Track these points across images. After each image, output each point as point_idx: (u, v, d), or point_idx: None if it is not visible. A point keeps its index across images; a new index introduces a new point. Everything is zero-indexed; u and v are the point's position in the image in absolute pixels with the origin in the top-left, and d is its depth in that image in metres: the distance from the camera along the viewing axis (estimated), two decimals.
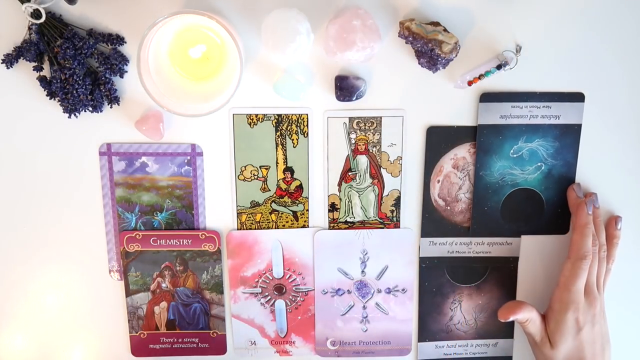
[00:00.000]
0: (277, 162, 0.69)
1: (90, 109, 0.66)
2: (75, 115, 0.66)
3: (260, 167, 0.69)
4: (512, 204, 0.71)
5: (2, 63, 0.64)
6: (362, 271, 0.73)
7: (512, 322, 0.75)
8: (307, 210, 0.71)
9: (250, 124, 0.68)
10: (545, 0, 0.65)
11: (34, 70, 0.65)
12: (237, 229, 0.71)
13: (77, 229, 0.71)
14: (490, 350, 0.76)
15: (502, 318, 0.69)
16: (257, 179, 0.70)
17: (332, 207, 0.71)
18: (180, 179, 0.70)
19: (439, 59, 0.62)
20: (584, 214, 0.67)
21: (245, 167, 0.69)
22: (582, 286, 0.67)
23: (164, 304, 0.73)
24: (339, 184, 0.70)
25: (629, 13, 0.66)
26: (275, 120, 0.68)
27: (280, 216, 0.71)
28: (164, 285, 0.73)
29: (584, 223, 0.67)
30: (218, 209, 0.71)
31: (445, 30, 0.62)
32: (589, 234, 0.67)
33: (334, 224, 0.71)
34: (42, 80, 0.65)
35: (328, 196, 0.71)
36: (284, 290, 0.73)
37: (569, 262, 0.67)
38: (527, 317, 0.68)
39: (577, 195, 0.69)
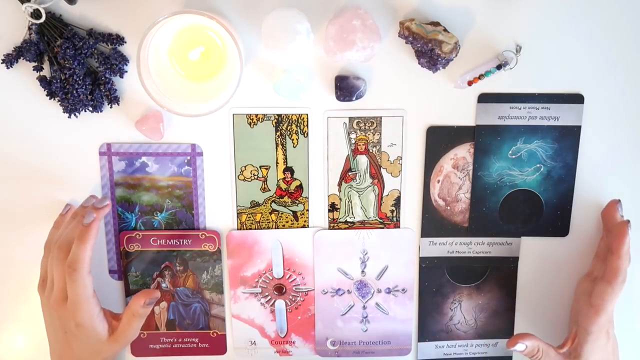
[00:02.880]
0: (277, 162, 0.69)
1: (90, 109, 0.66)
2: (75, 115, 0.66)
3: (260, 167, 0.69)
4: (510, 205, 0.71)
5: (2, 63, 0.64)
6: (362, 271, 0.73)
7: (513, 323, 0.75)
8: (307, 210, 0.71)
9: (250, 124, 0.68)
10: (545, 1, 0.65)
11: (34, 70, 0.65)
12: (237, 229, 0.71)
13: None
14: (490, 350, 0.76)
15: (509, 346, 0.68)
16: (257, 179, 0.70)
17: (332, 207, 0.71)
18: (180, 179, 0.70)
19: (439, 59, 0.63)
20: (627, 239, 0.64)
21: (245, 167, 0.69)
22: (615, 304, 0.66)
23: (164, 304, 0.73)
24: (339, 184, 0.70)
25: (629, 15, 0.66)
26: (275, 120, 0.68)
27: (280, 216, 0.71)
28: (164, 285, 0.73)
29: (627, 249, 0.64)
30: (218, 209, 0.71)
31: (445, 30, 0.62)
32: (628, 258, 0.65)
33: (334, 224, 0.72)
34: (42, 80, 0.65)
35: (328, 196, 0.71)
36: (284, 290, 0.73)
37: (609, 287, 0.64)
38: (536, 346, 0.67)
39: (619, 215, 0.67)
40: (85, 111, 0.66)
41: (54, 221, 0.69)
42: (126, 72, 0.66)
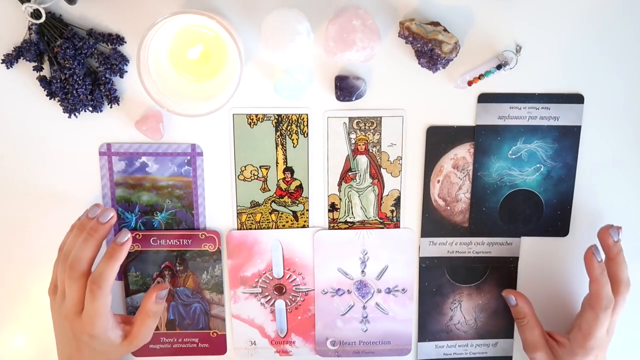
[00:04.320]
0: (277, 162, 0.69)
1: (90, 109, 0.66)
2: (75, 115, 0.66)
3: (260, 167, 0.69)
4: (510, 205, 0.71)
5: (2, 63, 0.64)
6: (362, 271, 0.73)
7: (513, 322, 0.75)
8: (307, 210, 0.71)
9: (250, 124, 0.68)
10: (545, 1, 0.65)
11: (34, 70, 0.65)
12: (237, 229, 0.71)
13: None
14: (490, 350, 0.76)
15: (505, 293, 0.71)
16: (257, 179, 0.70)
17: (332, 207, 0.71)
18: (180, 179, 0.70)
19: (439, 59, 0.63)
20: (594, 262, 0.65)
21: (245, 167, 0.69)
22: (606, 328, 0.66)
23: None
24: (339, 184, 0.70)
25: (629, 15, 0.66)
26: (275, 120, 0.68)
27: (280, 216, 0.71)
28: None
29: (598, 273, 0.65)
30: (218, 209, 0.71)
31: (445, 30, 0.62)
32: (606, 283, 0.64)
33: (334, 224, 0.72)
34: (42, 80, 0.65)
35: (328, 196, 0.71)
36: (284, 290, 0.73)
37: (594, 313, 0.65)
38: (526, 313, 0.69)
39: (611, 241, 0.66)
40: (85, 111, 0.66)
41: (72, 224, 0.67)
42: (126, 72, 0.66)
